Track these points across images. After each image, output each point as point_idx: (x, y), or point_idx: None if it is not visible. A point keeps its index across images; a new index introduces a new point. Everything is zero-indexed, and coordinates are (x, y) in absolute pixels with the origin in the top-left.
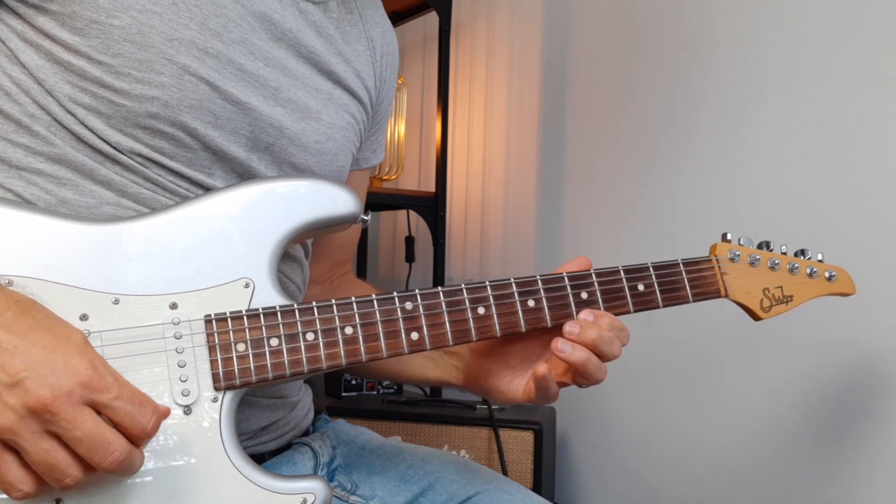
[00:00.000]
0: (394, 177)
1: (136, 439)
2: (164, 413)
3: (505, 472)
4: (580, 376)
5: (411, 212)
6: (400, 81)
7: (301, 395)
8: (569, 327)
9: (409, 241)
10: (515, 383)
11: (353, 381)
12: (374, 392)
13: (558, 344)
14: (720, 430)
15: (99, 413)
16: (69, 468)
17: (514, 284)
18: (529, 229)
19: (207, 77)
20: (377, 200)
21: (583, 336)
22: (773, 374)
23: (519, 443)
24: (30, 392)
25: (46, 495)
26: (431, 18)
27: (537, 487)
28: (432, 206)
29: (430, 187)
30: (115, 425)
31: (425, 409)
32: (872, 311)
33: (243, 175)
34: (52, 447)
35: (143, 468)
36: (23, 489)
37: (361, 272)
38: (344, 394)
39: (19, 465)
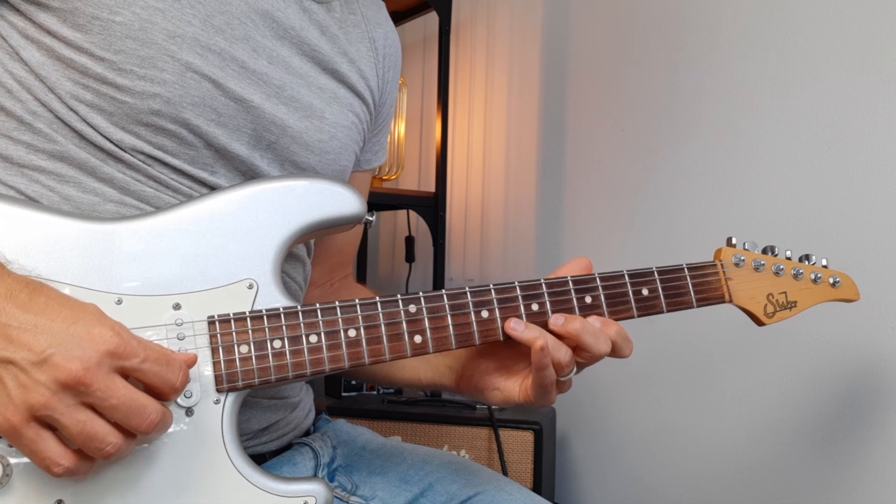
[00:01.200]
0: (394, 177)
1: (167, 396)
2: (191, 361)
3: (505, 472)
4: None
5: (411, 212)
6: (400, 81)
7: (302, 395)
8: (553, 319)
9: (409, 241)
10: (512, 381)
11: (353, 381)
12: (374, 392)
13: (511, 323)
14: (721, 430)
15: (127, 377)
16: (108, 436)
17: (518, 288)
18: (529, 229)
19: (210, 74)
20: (377, 200)
21: (566, 327)
22: (774, 375)
23: (519, 443)
24: (60, 367)
25: (47, 496)
26: (431, 18)
27: (537, 487)
28: (432, 206)
29: (430, 187)
30: (146, 386)
31: (425, 409)
32: (873, 312)
33: (246, 173)
34: (88, 418)
35: (143, 469)
36: (63, 464)
37: (361, 272)
38: (344, 394)
39: (57, 441)
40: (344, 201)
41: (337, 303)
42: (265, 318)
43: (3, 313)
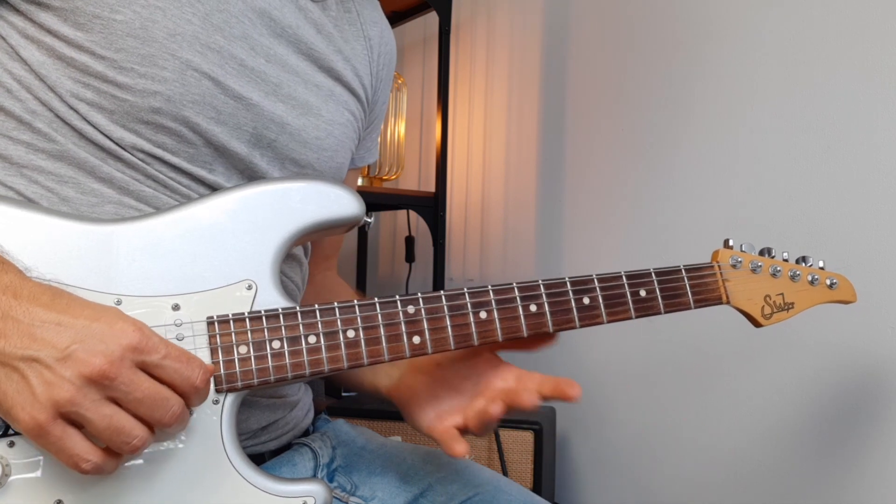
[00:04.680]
0: (394, 177)
1: (187, 395)
2: (211, 370)
3: (505, 473)
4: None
5: (411, 212)
6: (400, 81)
7: (301, 394)
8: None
9: (409, 241)
10: (424, 412)
11: None
12: None
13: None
14: (721, 431)
15: (147, 373)
16: (135, 429)
17: (516, 289)
18: (529, 229)
19: (210, 72)
20: (377, 200)
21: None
22: (773, 375)
23: (519, 443)
24: (84, 362)
25: (47, 496)
26: (431, 18)
27: (537, 488)
28: (432, 206)
29: (430, 187)
30: (166, 383)
31: None
32: (873, 312)
33: (244, 171)
34: (114, 412)
35: (143, 470)
36: (92, 459)
37: (361, 272)
38: (344, 393)
39: (83, 437)
40: (343, 203)
41: (336, 304)
42: (264, 318)
43: (27, 314)
